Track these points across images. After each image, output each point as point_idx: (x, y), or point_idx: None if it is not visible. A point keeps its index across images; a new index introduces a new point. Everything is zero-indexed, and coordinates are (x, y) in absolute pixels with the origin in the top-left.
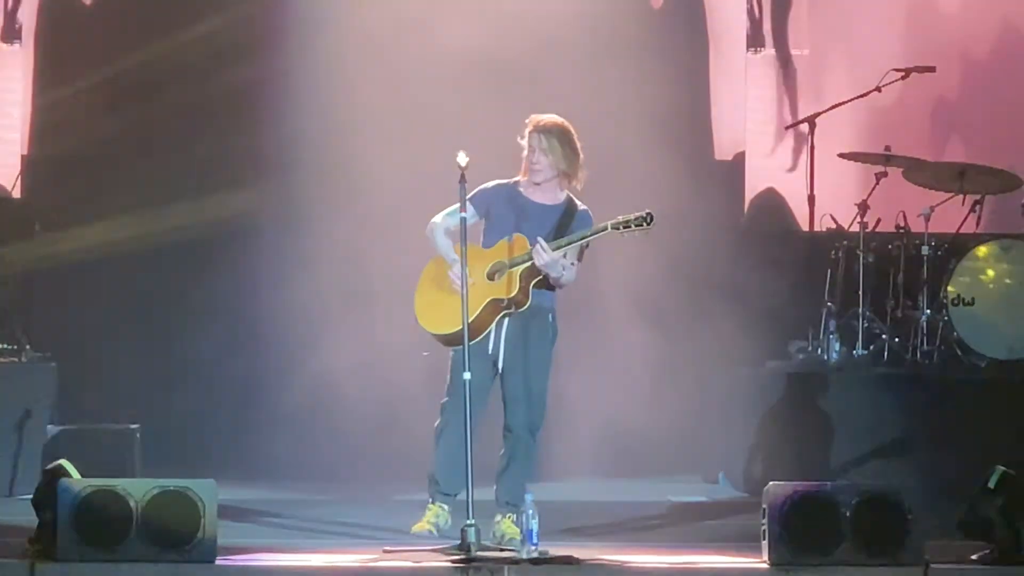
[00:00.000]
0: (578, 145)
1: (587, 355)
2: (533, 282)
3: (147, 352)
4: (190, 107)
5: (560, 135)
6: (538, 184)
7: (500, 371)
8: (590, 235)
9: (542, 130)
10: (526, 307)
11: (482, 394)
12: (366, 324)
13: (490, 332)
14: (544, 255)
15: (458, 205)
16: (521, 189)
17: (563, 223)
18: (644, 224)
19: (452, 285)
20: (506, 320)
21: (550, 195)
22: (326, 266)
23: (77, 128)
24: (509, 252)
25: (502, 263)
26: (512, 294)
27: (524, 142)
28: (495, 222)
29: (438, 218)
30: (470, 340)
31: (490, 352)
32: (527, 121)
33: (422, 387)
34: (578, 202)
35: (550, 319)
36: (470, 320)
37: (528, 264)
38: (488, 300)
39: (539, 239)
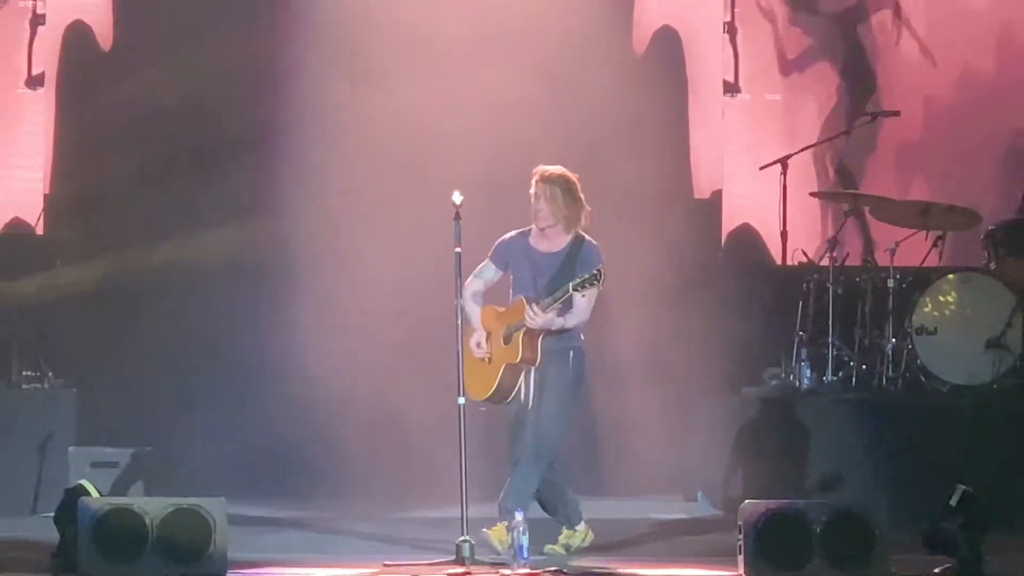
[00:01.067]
0: (580, 194)
1: None
2: (540, 338)
3: (162, 378)
4: (202, 147)
5: (563, 185)
6: (543, 231)
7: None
8: (560, 296)
9: (546, 180)
10: (539, 360)
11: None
12: (376, 355)
13: (520, 385)
14: (536, 320)
15: (485, 263)
16: (531, 240)
17: (567, 264)
18: (596, 282)
19: (473, 354)
20: (532, 370)
21: (556, 241)
22: (337, 300)
23: (95, 168)
24: (512, 316)
25: (511, 327)
26: (520, 358)
27: (532, 191)
28: (515, 275)
29: (468, 280)
30: (506, 399)
31: (522, 400)
32: (534, 172)
33: (424, 415)
34: (586, 239)
35: (571, 356)
36: (497, 383)
37: (523, 329)
38: (504, 366)
39: (529, 308)
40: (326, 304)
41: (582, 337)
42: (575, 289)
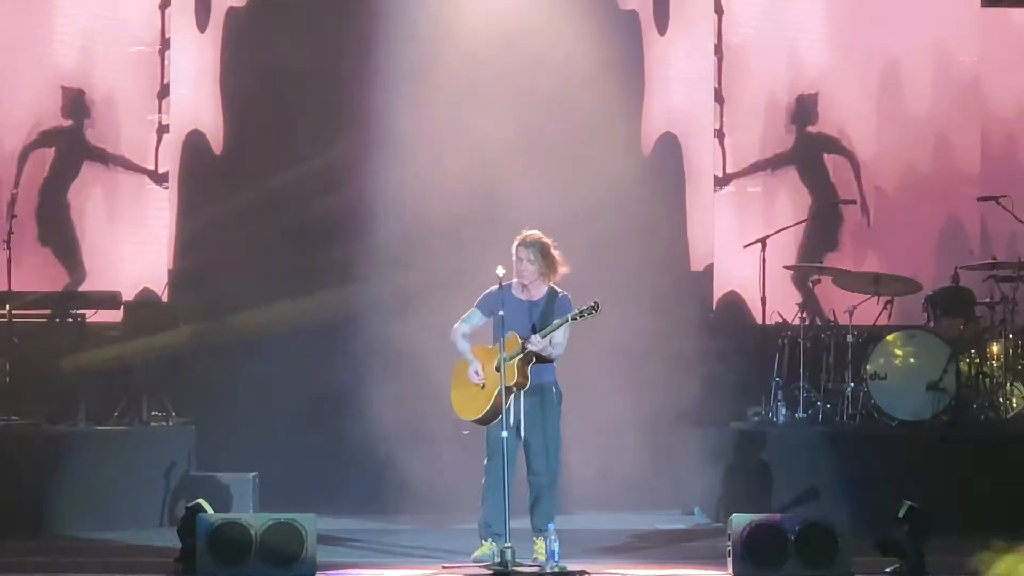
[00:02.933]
0: (554, 254)
1: (596, 420)
2: (529, 365)
3: (262, 417)
4: (297, 228)
5: (540, 248)
6: (526, 285)
7: (522, 435)
8: (559, 325)
9: (527, 244)
10: (528, 386)
11: (512, 455)
12: (436, 399)
13: (510, 409)
14: (537, 344)
15: (471, 311)
16: (513, 291)
17: (547, 310)
18: (594, 311)
19: (472, 380)
20: (522, 398)
21: (535, 292)
22: (401, 350)
23: (209, 246)
24: (507, 348)
25: (503, 356)
26: (515, 381)
27: (513, 251)
28: (507, 319)
29: (456, 324)
30: (493, 420)
31: (512, 423)
32: (517, 237)
33: (475, 449)
34: (558, 291)
35: (554, 390)
36: (491, 405)
37: (522, 355)
38: (496, 390)
39: (533, 336)
40: (393, 354)
41: (556, 372)
42: (573, 318)
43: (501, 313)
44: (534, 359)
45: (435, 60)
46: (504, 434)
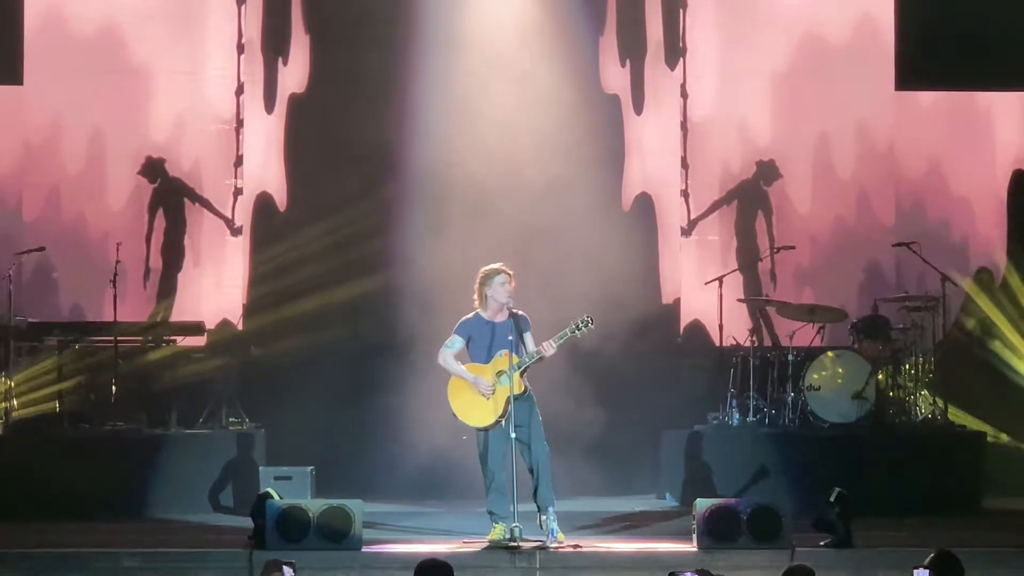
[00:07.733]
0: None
1: (583, 421)
2: (524, 376)
3: (318, 423)
4: (341, 268)
5: (509, 278)
6: (501, 308)
7: (516, 438)
8: (562, 338)
9: (503, 272)
10: (527, 393)
11: (507, 456)
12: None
13: (511, 413)
14: (550, 350)
15: (453, 337)
16: (485, 316)
17: (518, 328)
18: (589, 324)
19: (483, 393)
20: (512, 405)
21: (502, 315)
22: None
23: (277, 284)
24: (505, 363)
25: (504, 371)
26: (520, 390)
27: (490, 281)
28: (476, 343)
29: (443, 350)
30: (497, 425)
31: (504, 427)
32: (501, 270)
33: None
34: (517, 311)
35: (532, 394)
36: (500, 413)
37: (527, 365)
38: (505, 397)
39: (551, 341)
40: (429, 380)
41: None
42: (577, 328)
43: (510, 338)
44: (526, 371)
45: (461, 128)
46: (513, 435)
